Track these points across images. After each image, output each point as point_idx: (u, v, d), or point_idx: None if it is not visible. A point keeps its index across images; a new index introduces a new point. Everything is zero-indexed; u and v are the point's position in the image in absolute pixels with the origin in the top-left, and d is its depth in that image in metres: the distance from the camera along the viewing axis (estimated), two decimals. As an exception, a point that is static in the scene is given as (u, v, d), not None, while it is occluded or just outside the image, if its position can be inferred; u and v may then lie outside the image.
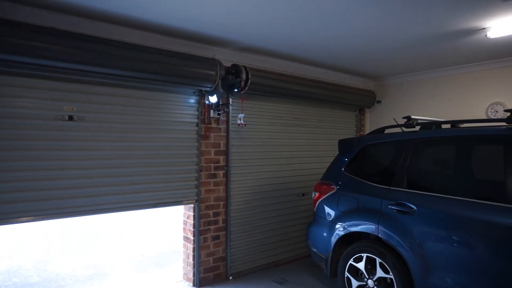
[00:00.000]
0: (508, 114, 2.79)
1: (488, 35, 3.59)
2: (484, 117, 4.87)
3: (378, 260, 3.17)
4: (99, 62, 3.12)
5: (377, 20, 3.31)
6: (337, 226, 3.54)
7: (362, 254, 3.30)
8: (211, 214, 4.21)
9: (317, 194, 3.85)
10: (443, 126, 3.41)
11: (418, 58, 4.70)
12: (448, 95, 5.31)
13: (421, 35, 3.74)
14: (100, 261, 5.23)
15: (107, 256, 5.47)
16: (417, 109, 5.57)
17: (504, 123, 2.83)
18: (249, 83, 4.09)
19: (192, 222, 4.11)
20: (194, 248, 4.10)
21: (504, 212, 2.48)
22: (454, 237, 2.70)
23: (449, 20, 3.32)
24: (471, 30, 3.57)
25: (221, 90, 4.01)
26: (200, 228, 4.12)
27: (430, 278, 2.81)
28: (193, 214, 4.10)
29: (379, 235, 3.16)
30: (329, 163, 4.04)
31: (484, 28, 3.52)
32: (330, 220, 3.64)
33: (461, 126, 3.55)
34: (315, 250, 3.81)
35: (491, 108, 4.85)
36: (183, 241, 4.28)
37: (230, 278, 4.34)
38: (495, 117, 4.74)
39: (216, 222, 4.26)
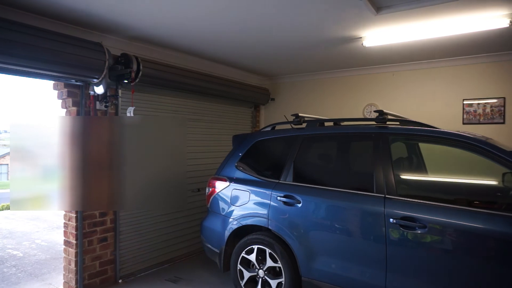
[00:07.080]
0: (377, 114, 3.17)
1: (364, 44, 4.03)
2: (361, 116, 5.48)
3: (268, 250, 3.31)
4: None
5: (267, 19, 3.41)
6: (230, 220, 3.59)
7: (253, 246, 3.41)
8: (97, 214, 3.87)
9: (211, 189, 3.84)
10: (327, 123, 3.72)
11: (306, 60, 5.04)
12: (332, 96, 5.84)
13: (306, 39, 4.01)
14: (-44, 276, 4.39)
15: (-34, 269, 4.62)
16: (306, 107, 5.99)
17: (374, 122, 3.22)
18: (140, 74, 3.85)
19: (74, 224, 3.72)
20: (76, 253, 3.72)
21: (372, 201, 2.81)
22: (334, 225, 2.96)
23: (331, 28, 3.63)
24: (350, 38, 3.96)
25: (109, 81, 3.69)
26: (84, 231, 3.76)
27: (313, 264, 3.04)
28: (75, 215, 3.71)
29: (269, 227, 3.30)
30: (224, 158, 4.07)
31: (361, 37, 3.94)
32: (223, 215, 3.67)
33: (342, 124, 3.91)
34: (208, 245, 3.81)
35: (367, 109, 5.48)
36: (64, 246, 3.85)
37: (120, 281, 4.06)
38: (370, 117, 5.37)
39: (103, 223, 3.93)
